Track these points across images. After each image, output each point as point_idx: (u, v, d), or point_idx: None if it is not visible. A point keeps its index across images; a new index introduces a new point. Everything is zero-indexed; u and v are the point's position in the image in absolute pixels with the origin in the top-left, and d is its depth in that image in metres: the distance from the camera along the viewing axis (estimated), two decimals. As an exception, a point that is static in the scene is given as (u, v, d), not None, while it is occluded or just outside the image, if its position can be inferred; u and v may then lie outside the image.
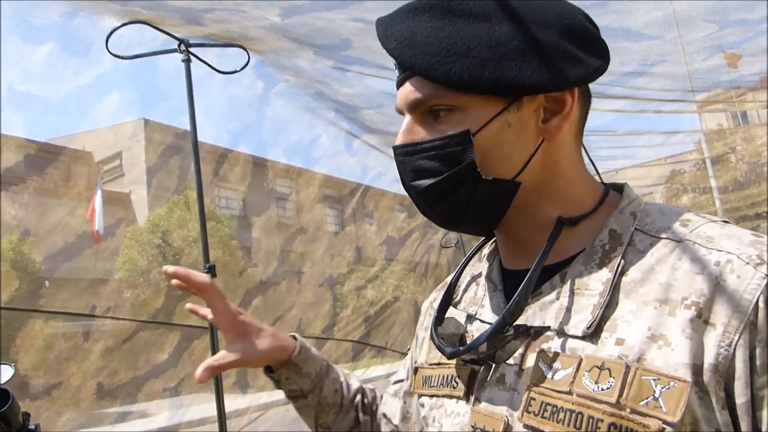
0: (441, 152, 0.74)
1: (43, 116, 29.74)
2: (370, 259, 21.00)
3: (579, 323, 0.72)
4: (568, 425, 0.67)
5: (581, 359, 0.70)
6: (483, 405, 0.77)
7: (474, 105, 0.74)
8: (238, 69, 3.05)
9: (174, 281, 0.96)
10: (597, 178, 0.88)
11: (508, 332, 0.75)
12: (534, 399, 0.71)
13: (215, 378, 2.52)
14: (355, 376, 1.12)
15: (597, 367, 0.68)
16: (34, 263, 13.18)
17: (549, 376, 0.71)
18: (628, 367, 0.66)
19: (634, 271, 0.73)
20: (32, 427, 1.11)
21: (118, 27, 2.69)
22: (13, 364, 1.06)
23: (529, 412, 0.71)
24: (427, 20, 0.74)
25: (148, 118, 18.40)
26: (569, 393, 0.69)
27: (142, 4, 2.67)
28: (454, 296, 0.91)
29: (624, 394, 0.65)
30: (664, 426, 0.63)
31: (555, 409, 0.69)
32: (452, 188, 0.75)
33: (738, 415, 0.64)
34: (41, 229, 14.89)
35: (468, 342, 0.81)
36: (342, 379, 1.08)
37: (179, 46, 2.82)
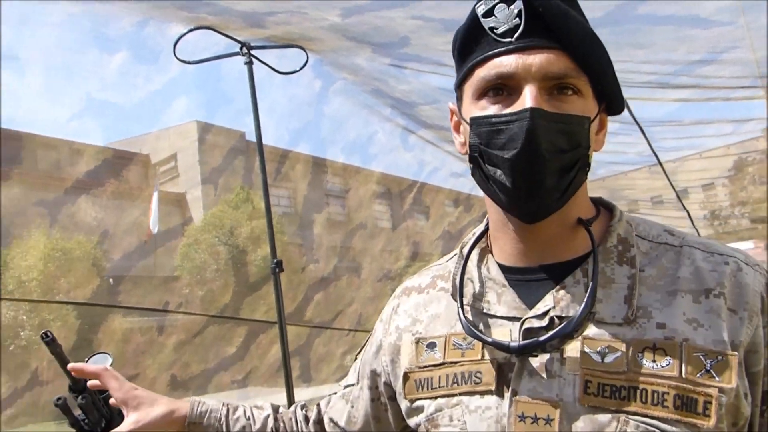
0: (571, 129, 0.79)
1: (118, 122, 31.11)
2: (427, 254, 20.98)
3: (615, 312, 0.79)
4: (634, 401, 0.74)
5: (627, 343, 0.77)
6: (525, 395, 0.79)
7: (590, 97, 0.82)
8: (298, 69, 3.11)
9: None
10: (660, 168, 0.98)
11: (525, 321, 0.82)
12: (590, 381, 0.76)
13: (285, 370, 2.60)
14: (268, 405, 1.15)
15: (649, 348, 0.76)
16: (100, 261, 13.77)
17: (599, 360, 0.77)
18: (680, 346, 0.76)
19: (649, 268, 0.83)
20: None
21: (185, 34, 2.79)
22: (111, 353, 1.15)
23: (588, 394, 0.76)
24: (568, 5, 0.81)
25: (201, 120, 18.88)
26: (627, 372, 0.76)
27: (208, 10, 2.77)
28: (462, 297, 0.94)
29: (683, 369, 0.75)
30: (721, 394, 0.74)
31: (614, 388, 0.75)
32: (570, 167, 0.80)
33: (753, 381, 0.78)
34: (119, 229, 15.58)
35: (492, 336, 0.84)
36: (248, 414, 1.11)
37: (241, 49, 2.89)
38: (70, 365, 1.07)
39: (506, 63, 0.79)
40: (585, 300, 0.79)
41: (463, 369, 0.85)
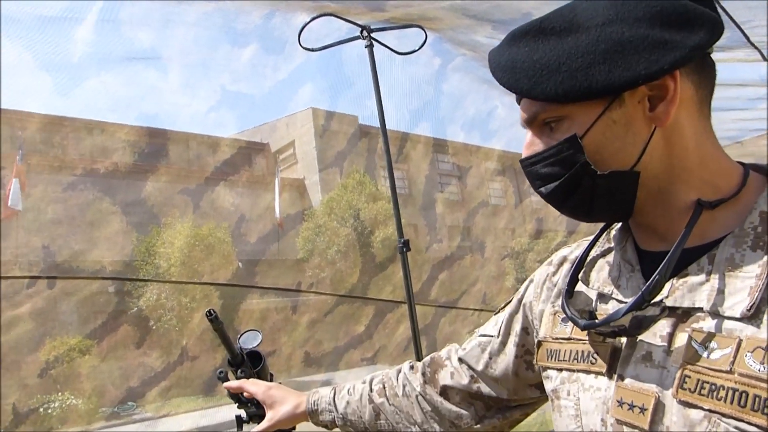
0: (557, 158, 0.82)
1: (251, 113, 32.95)
2: (551, 231, 20.45)
3: (735, 305, 0.72)
4: (731, 403, 0.68)
5: (741, 340, 0.70)
6: (628, 381, 0.78)
7: (577, 111, 0.80)
8: (417, 48, 3.11)
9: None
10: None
11: (646, 308, 0.77)
12: (689, 376, 0.72)
13: (415, 349, 2.64)
14: (370, 375, 1.26)
15: (761, 348, 0.68)
16: (228, 246, 14.66)
17: (704, 355, 0.72)
18: None
19: None
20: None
21: (308, 22, 2.88)
22: (261, 331, 1.25)
23: (684, 389, 0.72)
24: (524, 45, 0.83)
25: (319, 107, 19.44)
26: (730, 372, 0.69)
27: (330, -3, 2.83)
28: (584, 274, 0.94)
29: None
30: None
31: (713, 387, 0.70)
32: (573, 187, 0.82)
33: None
34: (253, 215, 16.56)
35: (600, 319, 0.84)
36: (350, 390, 1.23)
37: (362, 32, 2.93)
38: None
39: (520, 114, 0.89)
40: (643, 288, 0.76)
41: (584, 348, 0.87)
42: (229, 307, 13.21)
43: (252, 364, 1.26)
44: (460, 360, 1.12)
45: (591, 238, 1.00)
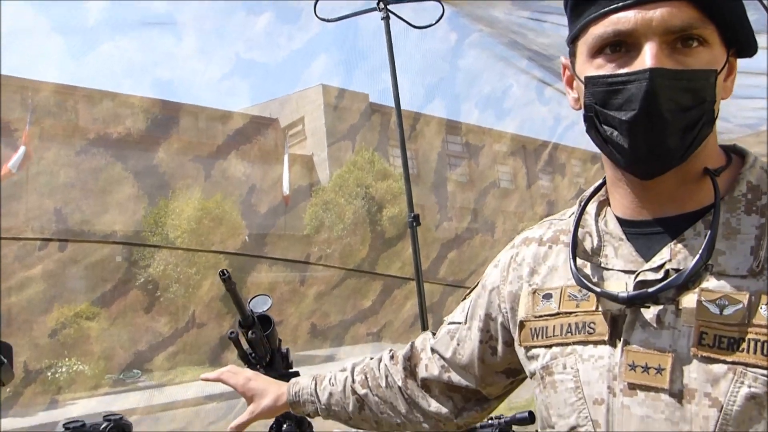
0: (695, 85, 0.76)
1: (264, 82, 32.73)
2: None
3: (740, 264, 0.76)
4: (754, 353, 0.72)
5: (751, 295, 0.74)
6: (636, 345, 0.79)
7: (717, 46, 0.78)
8: (434, 22, 3.07)
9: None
10: None
11: (640, 273, 0.80)
12: (706, 333, 0.75)
13: (422, 324, 2.66)
14: (350, 364, 1.25)
15: None
16: (235, 218, 14.70)
17: (717, 312, 0.75)
18: None
19: None
20: (284, 350, 1.34)
21: (325, -9, 2.84)
22: (270, 296, 1.27)
23: (702, 345, 0.75)
24: None
25: (329, 83, 19.31)
26: (748, 324, 0.72)
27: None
28: (577, 250, 0.93)
29: None
30: None
31: (732, 340, 0.73)
32: (693, 124, 0.77)
33: None
34: (264, 184, 16.58)
35: (607, 289, 0.83)
36: (332, 381, 1.23)
37: (378, 4, 2.90)
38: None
39: (624, 19, 0.76)
40: (700, 251, 0.76)
41: (577, 319, 0.87)
42: (238, 279, 12.95)
43: (262, 327, 1.28)
44: (432, 350, 1.13)
45: (554, 217, 1.03)
